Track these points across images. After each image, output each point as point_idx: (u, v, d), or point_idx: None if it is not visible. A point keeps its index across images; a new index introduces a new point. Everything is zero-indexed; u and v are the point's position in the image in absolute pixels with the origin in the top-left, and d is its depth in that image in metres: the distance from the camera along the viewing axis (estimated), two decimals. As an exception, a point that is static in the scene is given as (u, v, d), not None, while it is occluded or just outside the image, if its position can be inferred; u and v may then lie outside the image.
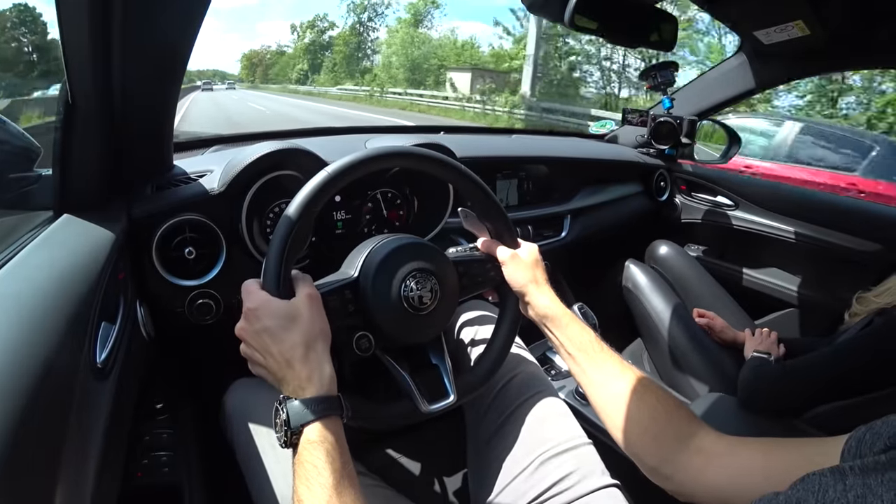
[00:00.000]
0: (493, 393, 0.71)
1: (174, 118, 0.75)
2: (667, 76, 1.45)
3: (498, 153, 1.26)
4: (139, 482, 0.65)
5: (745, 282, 1.49)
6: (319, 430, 0.45)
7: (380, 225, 0.93)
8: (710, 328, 1.19)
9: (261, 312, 0.49)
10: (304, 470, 0.43)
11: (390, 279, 0.58)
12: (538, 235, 1.24)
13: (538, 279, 0.64)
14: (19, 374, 0.34)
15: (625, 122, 1.62)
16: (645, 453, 0.51)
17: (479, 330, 0.79)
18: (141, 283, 0.72)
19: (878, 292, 0.90)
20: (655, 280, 1.33)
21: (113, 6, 0.51)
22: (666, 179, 1.59)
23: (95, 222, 0.61)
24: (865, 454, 0.31)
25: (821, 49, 1.14)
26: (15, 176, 0.67)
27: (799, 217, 1.36)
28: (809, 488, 0.29)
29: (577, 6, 0.84)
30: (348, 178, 0.56)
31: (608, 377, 0.55)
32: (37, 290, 0.43)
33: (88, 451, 0.42)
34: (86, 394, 0.43)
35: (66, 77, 0.55)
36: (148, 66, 0.62)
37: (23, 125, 0.71)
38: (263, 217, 0.81)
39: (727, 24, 1.18)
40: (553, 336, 0.62)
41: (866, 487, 0.26)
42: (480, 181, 0.65)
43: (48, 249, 0.52)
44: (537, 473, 0.62)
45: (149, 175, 0.78)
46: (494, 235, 0.69)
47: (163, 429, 0.73)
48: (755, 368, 0.93)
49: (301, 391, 0.46)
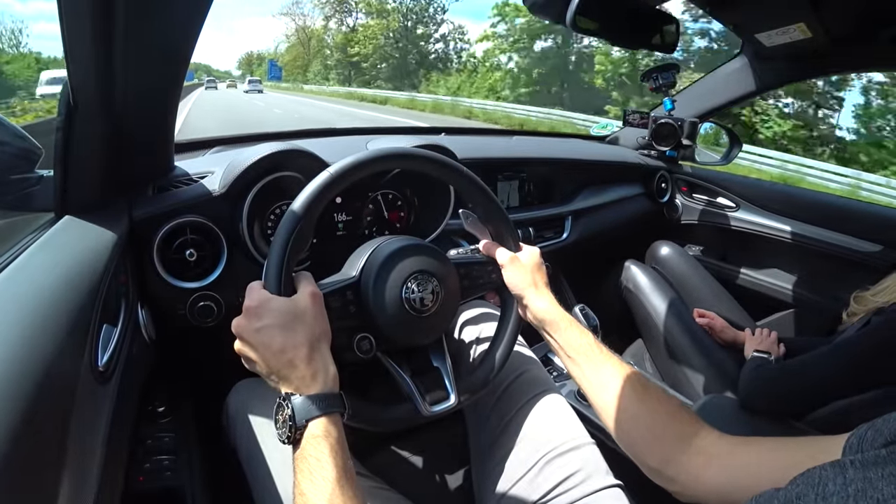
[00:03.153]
0: (496, 394, 0.71)
1: (175, 119, 0.75)
2: (668, 78, 1.46)
3: (499, 154, 1.26)
4: (141, 486, 0.65)
5: (745, 282, 1.49)
6: (323, 425, 0.45)
7: (381, 226, 0.93)
8: (711, 328, 1.19)
9: (262, 310, 0.49)
10: (308, 464, 0.43)
11: (392, 281, 0.58)
12: (539, 237, 1.24)
13: (537, 283, 0.64)
14: (20, 378, 0.33)
15: (626, 123, 1.62)
16: (647, 455, 0.51)
17: (481, 331, 0.79)
18: (142, 286, 0.72)
19: (876, 291, 0.90)
20: (656, 280, 1.33)
21: (115, 7, 0.51)
22: (667, 181, 1.59)
23: (97, 224, 0.61)
24: (867, 449, 0.31)
25: (822, 51, 1.15)
26: (16, 177, 0.67)
27: (799, 218, 1.37)
28: (809, 482, 0.29)
29: (579, 7, 0.83)
30: (350, 179, 0.56)
31: (608, 380, 0.55)
32: (38, 293, 0.43)
33: (90, 455, 0.42)
34: (87, 397, 0.43)
35: (68, 78, 0.55)
36: (149, 66, 0.61)
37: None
38: (265, 219, 0.81)
39: (729, 26, 1.18)
40: (552, 340, 0.62)
41: (867, 481, 0.26)
42: (482, 183, 0.65)
43: (49, 252, 0.52)
44: (542, 474, 0.62)
45: (150, 176, 0.78)
46: (496, 238, 0.69)
47: (164, 432, 0.72)
48: (755, 368, 0.93)
49: (305, 389, 0.46)
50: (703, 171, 1.60)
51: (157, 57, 0.61)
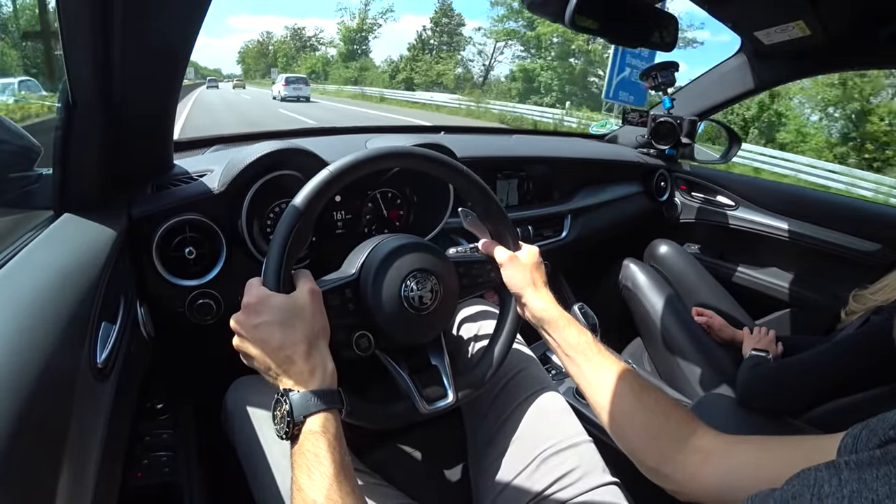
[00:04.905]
0: (494, 392, 0.71)
1: (175, 117, 0.75)
2: (667, 76, 1.45)
3: (498, 153, 1.26)
4: (139, 482, 0.65)
5: (744, 281, 1.49)
6: (322, 421, 0.45)
7: (380, 225, 0.93)
8: (709, 327, 1.19)
9: (261, 307, 0.49)
10: (306, 459, 0.43)
11: (391, 279, 0.58)
12: (538, 235, 1.24)
13: (536, 282, 0.64)
14: (19, 374, 0.34)
15: (625, 122, 1.62)
16: (644, 453, 0.51)
17: (479, 329, 0.79)
18: (141, 283, 0.72)
19: (875, 290, 0.90)
20: (654, 279, 1.33)
21: (113, 5, 0.51)
22: (666, 179, 1.59)
23: (96, 222, 0.61)
24: (861, 450, 0.31)
25: (821, 49, 1.15)
26: (15, 175, 0.67)
27: (799, 217, 1.37)
28: (805, 483, 0.29)
29: (578, 6, 0.83)
30: (349, 178, 0.56)
31: (606, 378, 0.55)
32: (37, 290, 0.43)
33: (89, 452, 0.42)
34: (86, 394, 0.43)
35: (67, 76, 0.55)
36: (148, 65, 0.62)
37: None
38: (264, 217, 0.81)
39: (728, 24, 1.18)
40: (551, 338, 0.62)
41: (861, 482, 0.26)
42: (481, 182, 0.65)
43: (49, 249, 0.52)
44: (539, 471, 0.62)
45: (149, 174, 0.78)
46: (495, 236, 0.69)
47: (163, 429, 0.73)
48: (753, 367, 0.94)
49: (304, 384, 0.46)
50: (703, 170, 1.60)
51: (155, 55, 0.61)
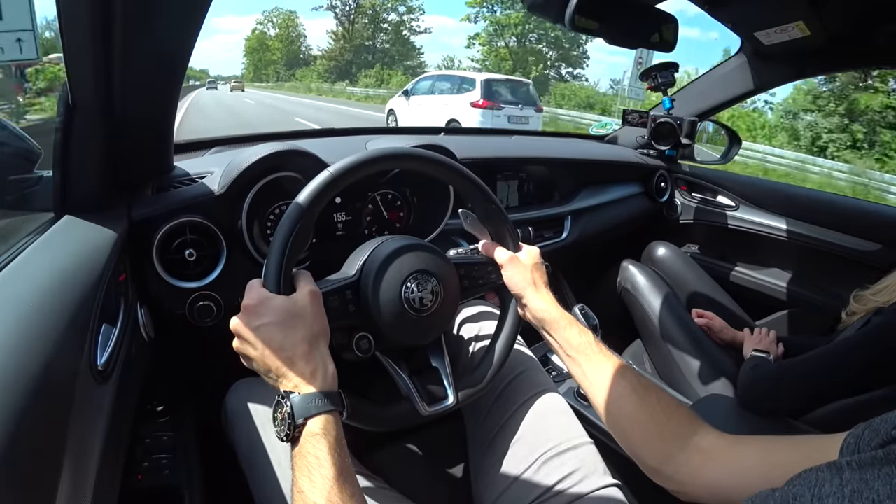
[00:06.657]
0: (495, 393, 0.71)
1: (175, 119, 0.75)
2: (667, 77, 1.45)
3: (498, 154, 1.26)
4: (139, 485, 0.65)
5: (745, 282, 1.49)
6: (322, 423, 0.45)
7: (380, 226, 0.93)
8: (710, 328, 1.19)
9: (261, 308, 0.49)
10: (306, 462, 0.43)
11: (391, 280, 0.58)
12: (539, 236, 1.24)
13: (537, 283, 0.64)
14: (20, 377, 0.34)
15: (625, 122, 1.62)
16: (646, 453, 0.51)
17: (480, 330, 0.79)
18: (142, 286, 0.72)
19: (876, 290, 0.90)
20: (654, 281, 1.32)
21: (114, 9, 0.51)
22: (666, 180, 1.59)
23: (96, 224, 0.61)
24: (863, 450, 0.31)
25: (821, 50, 1.15)
26: (16, 178, 0.67)
27: (799, 217, 1.36)
28: (806, 483, 0.29)
29: (578, 6, 0.83)
30: (350, 179, 0.56)
31: (607, 379, 0.55)
32: (38, 292, 0.43)
33: (89, 454, 0.42)
34: (86, 396, 0.43)
35: (67, 79, 0.55)
36: (148, 68, 0.62)
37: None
38: (264, 219, 0.81)
39: (728, 24, 1.18)
40: (552, 339, 0.62)
41: (863, 482, 0.26)
42: (481, 183, 0.65)
43: (49, 251, 0.52)
44: (540, 473, 0.62)
45: (149, 176, 0.78)
46: (495, 237, 0.69)
47: (163, 431, 0.72)
48: (754, 368, 0.93)
49: (304, 386, 0.46)
50: (703, 170, 1.60)
51: (156, 57, 0.61)
